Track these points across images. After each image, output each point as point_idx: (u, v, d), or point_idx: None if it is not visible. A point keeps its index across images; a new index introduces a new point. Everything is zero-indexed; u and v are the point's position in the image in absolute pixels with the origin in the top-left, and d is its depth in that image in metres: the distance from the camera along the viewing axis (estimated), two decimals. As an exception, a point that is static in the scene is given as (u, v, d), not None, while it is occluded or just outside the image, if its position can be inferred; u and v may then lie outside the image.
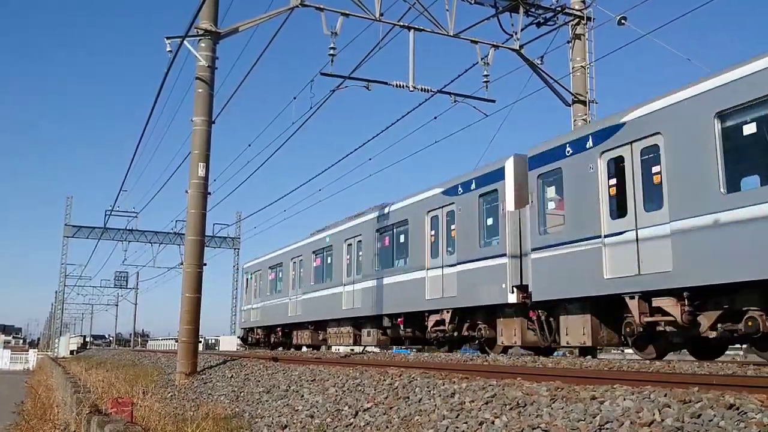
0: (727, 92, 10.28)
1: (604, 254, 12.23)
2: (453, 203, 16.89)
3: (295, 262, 28.00)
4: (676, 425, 4.46)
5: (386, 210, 20.51)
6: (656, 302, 11.47)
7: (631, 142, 11.89)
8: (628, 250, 11.76)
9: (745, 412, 4.40)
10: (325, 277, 24.67)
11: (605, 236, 12.28)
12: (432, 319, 17.65)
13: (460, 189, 16.69)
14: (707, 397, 4.85)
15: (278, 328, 30.14)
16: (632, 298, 11.74)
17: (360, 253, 22.02)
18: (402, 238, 19.50)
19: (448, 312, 16.87)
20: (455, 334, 16.91)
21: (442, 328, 17.15)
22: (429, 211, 17.96)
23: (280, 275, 29.75)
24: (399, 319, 19.29)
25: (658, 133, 11.40)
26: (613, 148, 12.28)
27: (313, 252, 25.87)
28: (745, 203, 9.89)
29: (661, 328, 11.63)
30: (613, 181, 12.36)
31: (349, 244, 22.83)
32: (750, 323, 10.15)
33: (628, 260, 11.71)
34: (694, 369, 8.89)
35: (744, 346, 16.94)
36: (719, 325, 10.76)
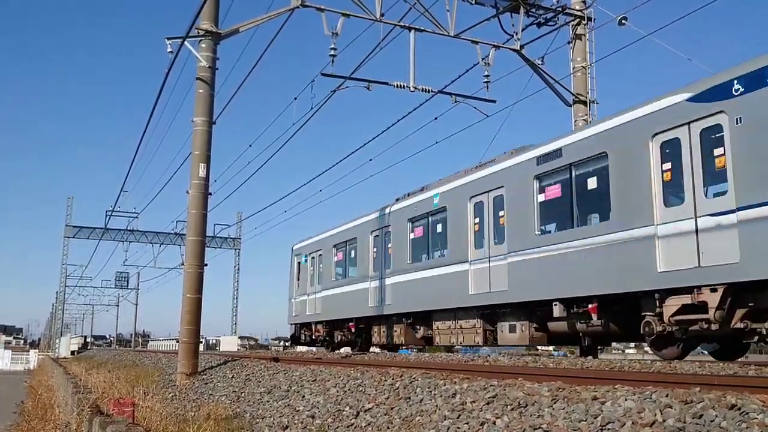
0: None
1: None
2: (720, 112, 10.65)
3: (377, 236, 21.50)
4: (678, 426, 4.45)
5: (554, 145, 14.12)
6: None
7: None
8: None
9: (747, 413, 4.39)
10: (434, 252, 18.63)
11: None
12: (673, 303, 11.30)
13: (737, 86, 10.43)
14: (709, 398, 4.85)
15: (350, 323, 23.38)
16: None
17: (500, 214, 15.62)
18: (593, 183, 13.24)
19: (714, 291, 10.55)
20: (718, 326, 10.66)
21: (697, 316, 10.88)
22: (656, 134, 11.72)
23: (353, 254, 23.12)
24: (590, 306, 12.96)
25: None
26: None
27: (410, 220, 19.50)
28: None
29: None
30: None
31: (478, 203, 16.49)
32: None
33: None
34: (696, 369, 8.90)
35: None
36: None
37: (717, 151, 10.84)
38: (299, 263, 27.93)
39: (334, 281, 24.29)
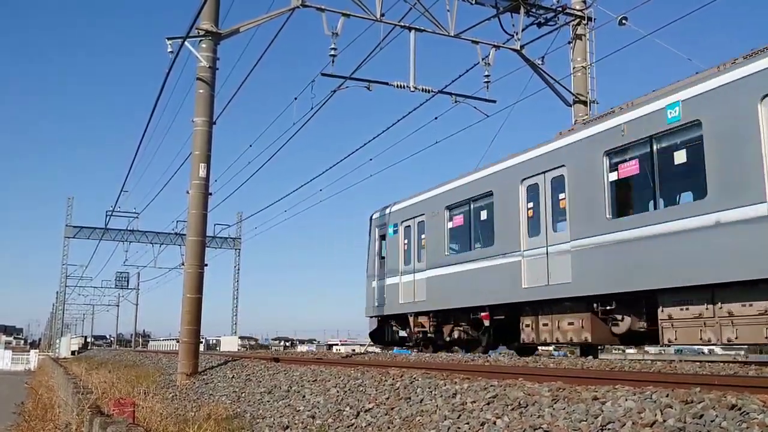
0: None
1: None
2: None
3: (536, 185, 15.01)
4: (678, 426, 4.45)
5: None
6: None
7: None
8: None
9: (747, 413, 4.39)
10: (664, 198, 12.52)
11: None
12: None
13: None
14: (709, 398, 4.84)
15: (480, 313, 16.83)
16: None
17: None
18: None
19: None
20: None
21: None
22: None
23: (486, 216, 16.64)
24: None
25: None
26: None
27: (609, 153, 13.10)
28: None
29: None
30: None
31: None
32: None
33: None
34: (696, 369, 8.90)
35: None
36: None
37: None
38: (383, 236, 21.40)
39: (450, 256, 17.92)
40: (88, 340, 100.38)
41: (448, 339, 18.53)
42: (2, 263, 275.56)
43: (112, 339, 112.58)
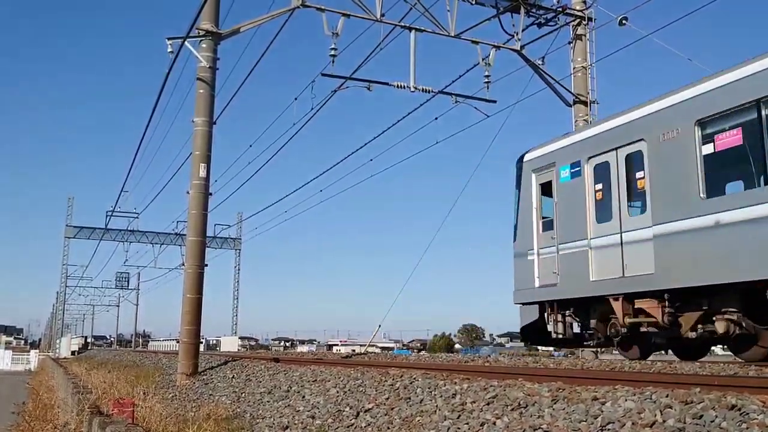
0: None
1: None
2: None
3: None
4: (678, 426, 4.45)
5: None
6: None
7: None
8: None
9: (747, 413, 4.39)
10: None
11: None
12: None
13: None
14: (709, 398, 4.84)
15: None
16: None
17: None
18: None
19: None
20: None
21: None
22: None
23: None
24: None
25: None
26: None
27: None
28: None
29: None
30: None
31: None
32: None
33: None
34: (696, 369, 8.90)
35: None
36: None
37: None
38: (547, 184, 14.84)
39: (711, 199, 11.08)
40: (89, 340, 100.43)
41: (694, 335, 11.68)
42: (2, 263, 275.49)
43: (112, 339, 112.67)
